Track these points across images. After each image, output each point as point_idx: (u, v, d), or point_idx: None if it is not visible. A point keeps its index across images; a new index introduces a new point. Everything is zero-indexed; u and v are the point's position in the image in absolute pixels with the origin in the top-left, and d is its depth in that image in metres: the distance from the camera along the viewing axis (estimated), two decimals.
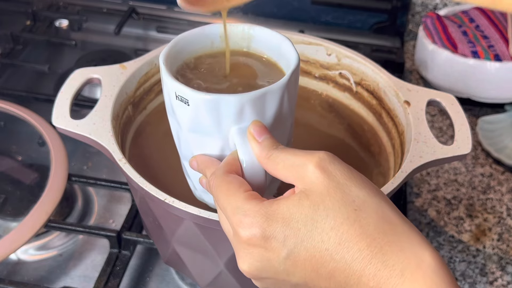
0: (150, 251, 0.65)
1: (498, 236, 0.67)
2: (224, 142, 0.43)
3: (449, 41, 0.82)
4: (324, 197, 0.34)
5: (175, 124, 0.45)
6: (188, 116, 0.42)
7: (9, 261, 0.64)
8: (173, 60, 0.46)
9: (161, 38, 0.94)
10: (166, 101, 0.44)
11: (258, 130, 0.40)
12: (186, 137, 0.44)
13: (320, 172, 0.35)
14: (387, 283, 0.32)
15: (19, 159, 0.72)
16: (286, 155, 0.37)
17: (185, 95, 0.41)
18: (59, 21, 0.94)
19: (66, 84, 0.58)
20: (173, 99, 0.42)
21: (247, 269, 0.36)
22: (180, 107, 0.42)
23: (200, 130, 0.43)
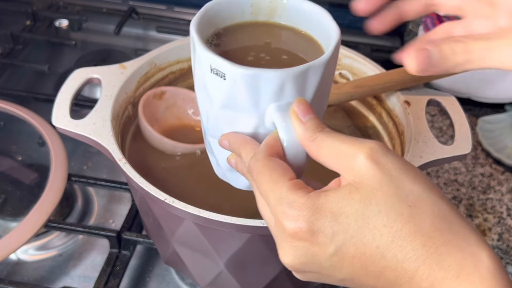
0: (150, 251, 0.65)
1: (498, 236, 0.67)
2: (259, 120, 0.40)
3: None
4: (376, 191, 0.32)
5: (206, 99, 0.41)
6: (223, 91, 0.39)
7: (9, 261, 0.64)
8: (204, 28, 0.42)
9: (161, 38, 0.94)
10: (197, 74, 0.41)
11: (303, 109, 0.37)
12: (217, 113, 0.41)
13: (372, 164, 0.33)
14: (442, 285, 0.31)
15: (19, 159, 0.72)
16: (333, 140, 0.35)
17: (221, 68, 0.38)
18: (59, 21, 0.94)
19: (66, 84, 0.58)
20: (207, 72, 0.39)
21: (290, 262, 0.34)
22: (215, 81, 0.39)
23: (235, 106, 0.40)
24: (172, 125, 0.62)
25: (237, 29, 0.44)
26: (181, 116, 0.63)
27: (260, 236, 0.47)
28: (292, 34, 0.45)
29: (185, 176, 0.58)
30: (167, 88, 0.62)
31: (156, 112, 0.61)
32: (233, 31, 0.44)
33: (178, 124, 0.62)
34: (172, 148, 0.58)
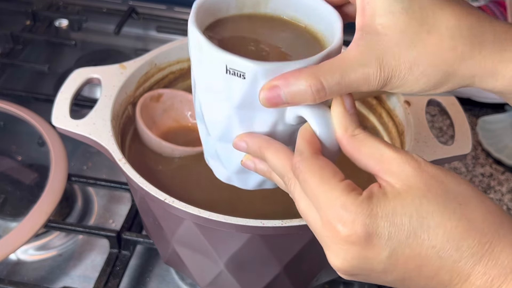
0: (150, 251, 0.65)
1: None
2: (278, 116, 0.39)
3: None
4: (426, 192, 0.32)
5: (216, 101, 0.39)
6: (242, 91, 0.37)
7: (9, 261, 0.64)
8: (200, 25, 0.40)
9: (161, 38, 0.94)
10: (205, 76, 0.39)
11: (349, 101, 0.36)
12: (232, 115, 0.39)
13: (420, 170, 0.33)
14: (496, 283, 0.31)
15: (19, 159, 0.72)
16: (377, 142, 0.34)
17: (240, 67, 0.36)
18: (59, 21, 0.94)
19: (65, 84, 0.58)
20: (221, 73, 0.37)
21: (340, 265, 0.34)
22: (232, 82, 0.37)
23: (254, 105, 0.38)
24: (170, 128, 0.62)
25: (225, 24, 0.42)
26: (178, 119, 0.63)
27: (260, 236, 0.47)
28: (281, 24, 0.43)
29: (184, 177, 0.58)
30: (164, 91, 0.62)
31: (153, 114, 0.61)
32: (220, 26, 0.42)
33: (176, 126, 0.62)
34: (170, 151, 0.58)
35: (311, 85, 0.34)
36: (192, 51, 0.39)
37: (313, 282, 0.56)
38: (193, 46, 0.39)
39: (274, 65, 0.36)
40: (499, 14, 0.84)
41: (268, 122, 0.39)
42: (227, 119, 0.39)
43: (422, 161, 0.34)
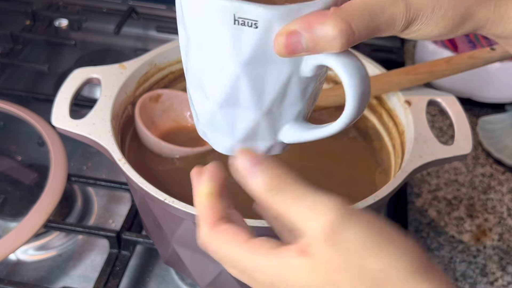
0: (150, 251, 0.65)
1: (499, 236, 0.67)
2: (293, 69, 0.35)
3: (450, 41, 0.81)
4: (336, 273, 0.28)
5: (225, 59, 0.34)
6: (253, 42, 0.33)
7: (9, 261, 0.64)
8: None
9: (160, 38, 0.94)
10: (210, 33, 0.34)
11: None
12: (241, 72, 0.35)
13: (328, 246, 0.28)
14: None
15: (18, 159, 0.72)
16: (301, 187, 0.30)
17: (251, 14, 0.32)
18: (58, 21, 0.94)
19: (65, 84, 0.58)
20: (228, 25, 0.32)
21: None
22: (241, 33, 0.33)
23: (267, 58, 0.34)
24: (169, 128, 0.62)
25: None
26: (178, 119, 0.62)
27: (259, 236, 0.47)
28: None
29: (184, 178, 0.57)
30: (163, 91, 0.62)
31: (153, 115, 0.61)
32: None
33: (175, 127, 0.62)
34: (170, 151, 0.58)
35: (341, 29, 0.31)
36: (185, 6, 0.34)
37: None
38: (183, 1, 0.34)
39: (292, 8, 0.32)
40: None
41: (281, 77, 0.35)
42: (234, 79, 0.35)
43: (342, 231, 0.28)
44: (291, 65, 0.34)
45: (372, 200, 0.47)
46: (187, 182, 0.57)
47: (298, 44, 0.31)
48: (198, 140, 0.61)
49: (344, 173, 0.58)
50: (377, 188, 0.49)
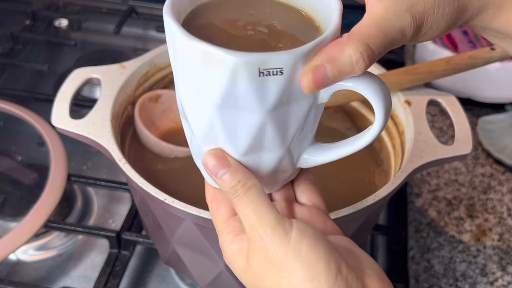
0: (150, 251, 0.65)
1: (499, 236, 0.67)
2: (313, 100, 0.35)
3: (450, 40, 0.81)
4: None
5: (246, 113, 0.34)
6: (280, 88, 0.33)
7: (9, 261, 0.64)
8: (178, 16, 0.35)
9: (160, 37, 0.94)
10: (227, 91, 0.33)
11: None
12: (268, 120, 0.34)
13: (255, 252, 0.35)
14: None
15: (18, 159, 0.72)
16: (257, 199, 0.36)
17: (276, 63, 0.32)
18: (58, 21, 0.94)
19: (65, 84, 0.58)
20: (253, 78, 0.32)
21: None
22: (267, 83, 0.32)
23: (290, 98, 0.34)
24: (169, 128, 0.62)
25: (208, 10, 0.38)
26: (177, 120, 0.62)
27: None
28: (276, 5, 0.39)
29: (184, 178, 0.58)
30: (163, 92, 0.62)
31: (152, 115, 0.61)
32: (208, 8, 0.38)
33: (174, 127, 0.62)
34: (170, 151, 0.58)
35: (362, 51, 0.32)
36: (192, 62, 0.33)
37: None
38: (195, 57, 0.33)
39: (311, 46, 0.32)
40: None
41: (303, 112, 0.35)
42: (259, 127, 0.35)
43: (252, 252, 0.35)
44: (313, 97, 0.35)
45: (372, 200, 0.47)
46: (187, 182, 0.57)
47: (325, 77, 0.32)
48: None
49: (344, 174, 0.58)
50: (377, 188, 0.49)
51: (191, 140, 0.40)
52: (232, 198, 0.36)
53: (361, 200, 0.47)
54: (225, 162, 0.37)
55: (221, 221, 0.38)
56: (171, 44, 0.35)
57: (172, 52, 0.35)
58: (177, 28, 0.33)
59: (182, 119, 0.39)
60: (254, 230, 0.35)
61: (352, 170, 0.59)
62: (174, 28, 0.33)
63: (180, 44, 0.33)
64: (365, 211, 0.47)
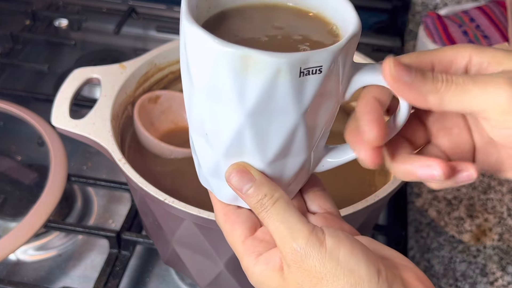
0: (149, 251, 0.65)
1: (499, 236, 0.67)
2: (340, 98, 0.36)
3: (450, 41, 0.81)
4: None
5: (286, 112, 0.33)
6: (317, 87, 0.32)
7: (9, 261, 0.64)
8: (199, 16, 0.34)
9: (160, 37, 0.94)
10: (267, 91, 0.32)
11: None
12: (301, 121, 0.34)
13: (296, 269, 0.34)
14: None
15: (18, 159, 0.72)
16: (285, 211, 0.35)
17: (316, 61, 0.31)
18: (58, 21, 0.94)
19: (65, 84, 0.58)
20: (295, 78, 0.31)
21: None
22: (305, 83, 0.32)
23: (324, 96, 0.33)
24: (168, 129, 0.62)
25: (229, 15, 0.37)
26: (176, 120, 0.62)
27: None
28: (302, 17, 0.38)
29: (184, 178, 0.58)
30: (162, 92, 0.62)
31: (151, 116, 0.61)
32: (237, 14, 0.37)
33: (174, 128, 0.62)
34: (169, 152, 0.58)
35: None
36: (222, 70, 0.32)
37: None
38: (229, 64, 0.31)
39: (344, 42, 0.32)
40: (499, 14, 0.84)
41: (330, 111, 0.35)
42: (293, 129, 0.34)
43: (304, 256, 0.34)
44: (341, 95, 0.35)
45: (372, 200, 0.47)
46: (186, 183, 0.57)
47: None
48: None
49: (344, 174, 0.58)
50: (377, 189, 0.49)
51: (206, 156, 0.37)
52: (259, 213, 0.35)
53: (361, 200, 0.47)
54: (250, 177, 0.35)
55: (239, 242, 0.36)
56: (192, 55, 0.33)
57: (193, 64, 0.33)
58: (204, 34, 0.31)
59: (197, 137, 0.36)
60: (286, 243, 0.33)
61: (352, 170, 0.59)
62: (200, 34, 0.31)
63: (209, 52, 0.31)
64: (365, 211, 0.47)
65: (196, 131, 0.36)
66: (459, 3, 0.94)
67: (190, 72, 0.33)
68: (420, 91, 0.33)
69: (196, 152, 0.38)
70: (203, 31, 0.31)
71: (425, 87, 0.33)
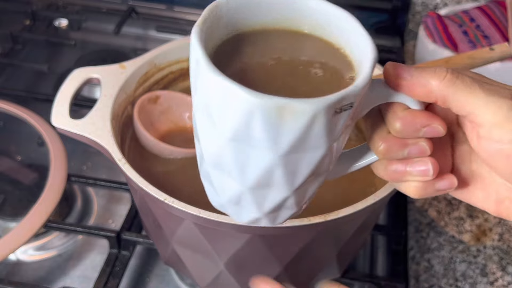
0: (149, 251, 0.65)
1: (499, 236, 0.67)
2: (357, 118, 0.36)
3: (450, 40, 0.81)
4: None
5: (317, 148, 0.33)
6: (345, 121, 0.32)
7: (9, 261, 0.64)
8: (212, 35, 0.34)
9: (160, 37, 0.94)
10: (301, 134, 0.31)
11: None
12: (326, 150, 0.34)
13: None
14: None
15: (18, 159, 0.72)
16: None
17: (350, 99, 0.31)
18: (58, 21, 0.94)
19: (65, 84, 0.58)
20: (329, 119, 0.31)
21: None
22: (338, 120, 0.32)
23: (354, 119, 0.34)
24: (168, 129, 0.62)
25: (251, 38, 0.36)
26: (176, 121, 0.62)
27: (260, 236, 0.47)
28: (319, 44, 0.37)
29: (184, 178, 0.58)
30: (161, 93, 0.62)
31: (151, 116, 0.61)
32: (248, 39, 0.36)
33: (174, 128, 0.62)
34: (169, 152, 0.58)
35: None
36: (258, 119, 0.31)
37: (313, 282, 0.56)
38: (263, 117, 0.30)
39: (369, 72, 0.32)
40: (500, 14, 0.84)
41: (350, 131, 0.36)
42: (320, 162, 0.34)
43: None
44: (358, 115, 0.35)
45: (372, 200, 0.47)
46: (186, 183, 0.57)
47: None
48: None
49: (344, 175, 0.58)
50: (377, 189, 0.49)
51: (226, 187, 0.36)
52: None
53: (361, 200, 0.47)
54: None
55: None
56: (216, 103, 0.32)
57: (217, 111, 0.32)
58: (234, 86, 0.30)
59: (215, 171, 0.36)
60: None
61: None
62: (228, 86, 0.30)
63: (239, 103, 0.30)
64: (365, 211, 0.47)
65: (216, 166, 0.35)
66: (459, 3, 0.94)
67: (211, 115, 0.33)
68: (423, 81, 0.34)
69: (212, 182, 0.37)
70: (232, 82, 0.30)
71: (427, 75, 0.34)
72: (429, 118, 0.34)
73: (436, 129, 0.34)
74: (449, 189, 0.36)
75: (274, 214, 0.38)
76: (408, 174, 0.35)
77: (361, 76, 0.32)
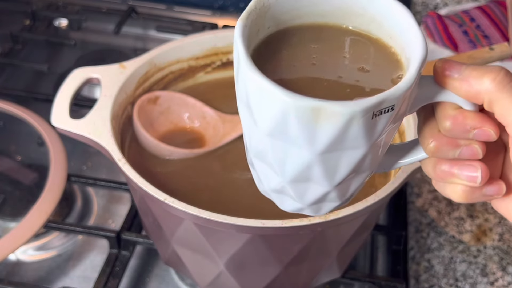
0: (149, 251, 0.65)
1: (499, 236, 0.67)
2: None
3: (450, 40, 0.81)
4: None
5: (356, 148, 0.33)
6: (387, 123, 0.32)
7: (8, 261, 0.64)
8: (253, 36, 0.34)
9: (160, 37, 0.94)
10: (338, 136, 0.31)
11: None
12: (367, 151, 0.33)
13: None
14: None
15: (18, 159, 0.72)
16: None
17: (390, 101, 0.31)
18: (58, 21, 0.94)
19: (65, 84, 0.58)
20: (367, 122, 0.31)
21: None
22: (377, 122, 0.31)
23: (399, 119, 0.34)
24: (168, 130, 0.62)
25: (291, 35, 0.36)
26: (176, 121, 0.62)
27: (260, 236, 0.47)
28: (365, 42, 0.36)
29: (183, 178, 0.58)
30: (161, 93, 0.62)
31: (151, 117, 0.61)
32: (288, 36, 0.36)
33: (173, 128, 0.62)
34: (169, 153, 0.58)
35: None
36: (294, 119, 0.31)
37: (313, 282, 0.56)
38: (298, 116, 0.31)
39: (414, 76, 0.31)
40: (500, 14, 0.84)
41: (397, 128, 0.35)
42: (361, 161, 0.34)
43: None
44: (403, 114, 0.34)
45: (372, 200, 0.47)
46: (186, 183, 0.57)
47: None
48: (196, 142, 0.60)
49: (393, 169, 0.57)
50: (377, 189, 0.49)
51: (269, 178, 0.37)
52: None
53: (361, 200, 0.47)
54: None
55: None
56: (255, 101, 0.32)
57: (256, 109, 0.32)
58: (271, 86, 0.30)
59: (259, 162, 0.36)
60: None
61: None
62: (266, 85, 0.30)
63: (276, 103, 0.31)
64: (365, 211, 0.47)
65: (258, 157, 0.36)
66: (460, 3, 0.94)
67: (252, 112, 0.33)
68: (472, 80, 0.32)
69: (257, 172, 0.37)
70: (268, 81, 0.30)
71: (477, 74, 0.32)
72: (481, 120, 0.32)
73: (487, 133, 0.32)
74: (497, 196, 0.34)
75: (317, 206, 0.38)
76: (456, 177, 0.34)
77: (404, 78, 0.31)
